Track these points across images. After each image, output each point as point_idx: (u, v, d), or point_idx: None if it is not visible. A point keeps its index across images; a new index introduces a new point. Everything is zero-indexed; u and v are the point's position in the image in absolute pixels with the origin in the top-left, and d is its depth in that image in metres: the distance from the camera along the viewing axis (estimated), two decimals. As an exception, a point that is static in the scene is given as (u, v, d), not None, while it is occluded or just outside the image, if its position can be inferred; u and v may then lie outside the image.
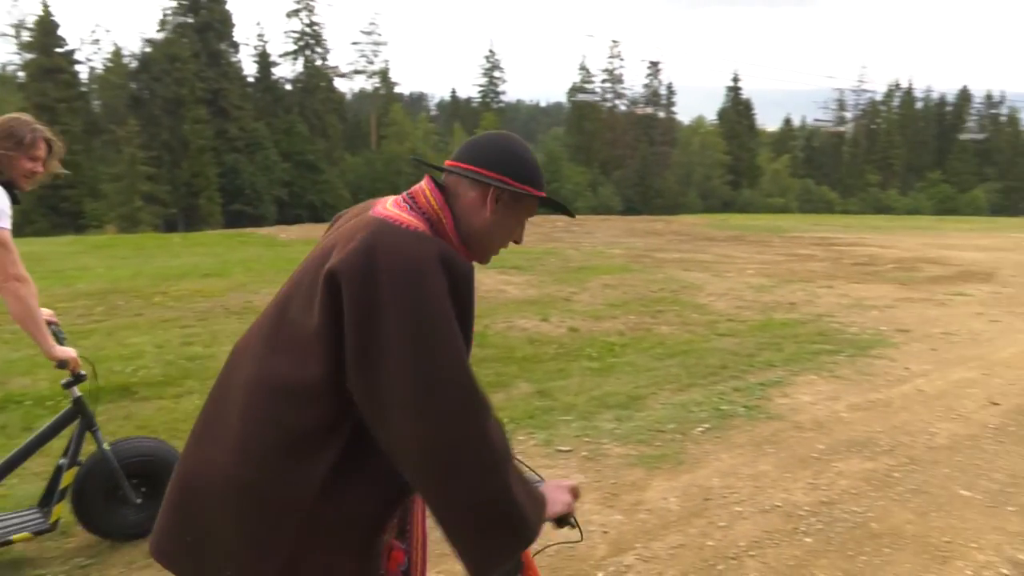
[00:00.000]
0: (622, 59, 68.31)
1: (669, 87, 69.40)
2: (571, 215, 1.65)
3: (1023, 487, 3.76)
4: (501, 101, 71.60)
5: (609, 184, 62.75)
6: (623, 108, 68.26)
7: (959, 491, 3.69)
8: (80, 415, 2.88)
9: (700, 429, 4.57)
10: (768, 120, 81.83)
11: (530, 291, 9.80)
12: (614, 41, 68.86)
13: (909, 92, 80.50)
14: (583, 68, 67.65)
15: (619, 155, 65.30)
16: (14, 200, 2.53)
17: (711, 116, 73.80)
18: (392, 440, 1.20)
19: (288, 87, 53.97)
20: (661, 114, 69.02)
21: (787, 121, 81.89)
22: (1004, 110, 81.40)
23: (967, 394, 5.46)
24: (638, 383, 5.61)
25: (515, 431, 4.46)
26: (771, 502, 3.55)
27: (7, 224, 2.46)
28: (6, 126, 2.53)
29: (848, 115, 79.28)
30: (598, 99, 67.40)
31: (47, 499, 2.91)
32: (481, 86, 69.78)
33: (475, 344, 5.17)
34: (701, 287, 10.70)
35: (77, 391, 2.85)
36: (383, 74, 61.13)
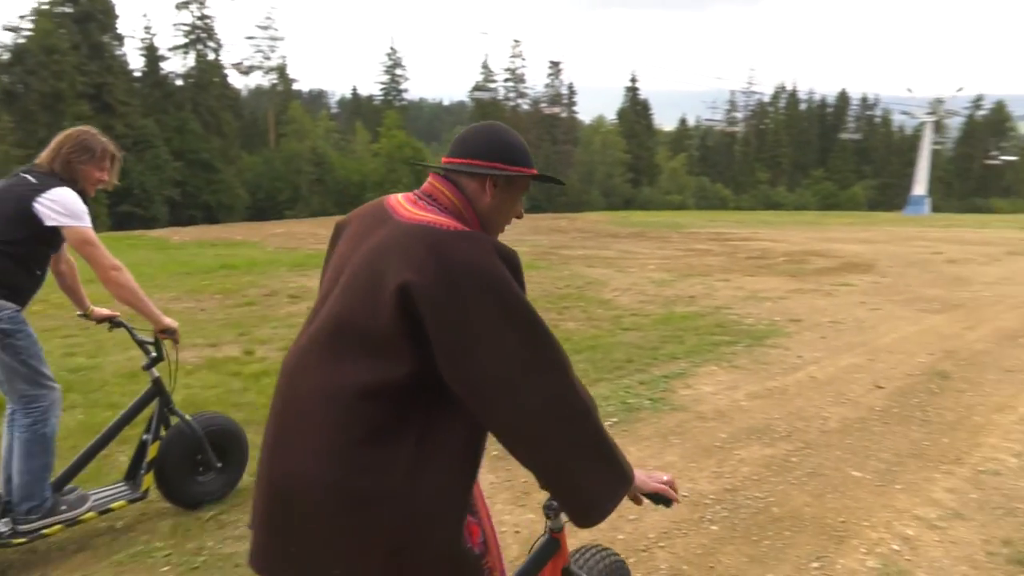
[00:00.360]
0: (524, 59, 68.96)
1: (570, 87, 70.47)
2: (561, 184, 1.82)
3: (908, 466, 3.98)
4: (404, 99, 70.79)
5: (514, 183, 63.16)
6: (526, 107, 68.82)
7: (851, 472, 3.87)
8: (159, 394, 3.15)
9: (608, 423, 4.62)
10: (665, 120, 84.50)
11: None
12: (515, 41, 69.38)
13: (794, 94, 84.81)
14: (485, 67, 67.77)
15: (525, 154, 65.83)
16: None
17: (611, 116, 75.51)
18: (503, 412, 1.31)
19: (179, 83, 51.49)
20: (563, 114, 70.01)
21: (683, 121, 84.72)
22: (878, 112, 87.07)
23: (854, 379, 5.76)
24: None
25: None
26: (679, 493, 3.61)
27: (90, 223, 2.75)
28: (80, 139, 2.80)
29: (739, 116, 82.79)
30: (500, 98, 67.69)
31: (133, 471, 3.20)
32: (383, 84, 68.82)
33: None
34: (605, 283, 10.89)
35: (156, 372, 3.13)
36: (281, 70, 59.30)
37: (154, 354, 3.11)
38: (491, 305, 1.29)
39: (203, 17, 52.21)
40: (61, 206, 2.67)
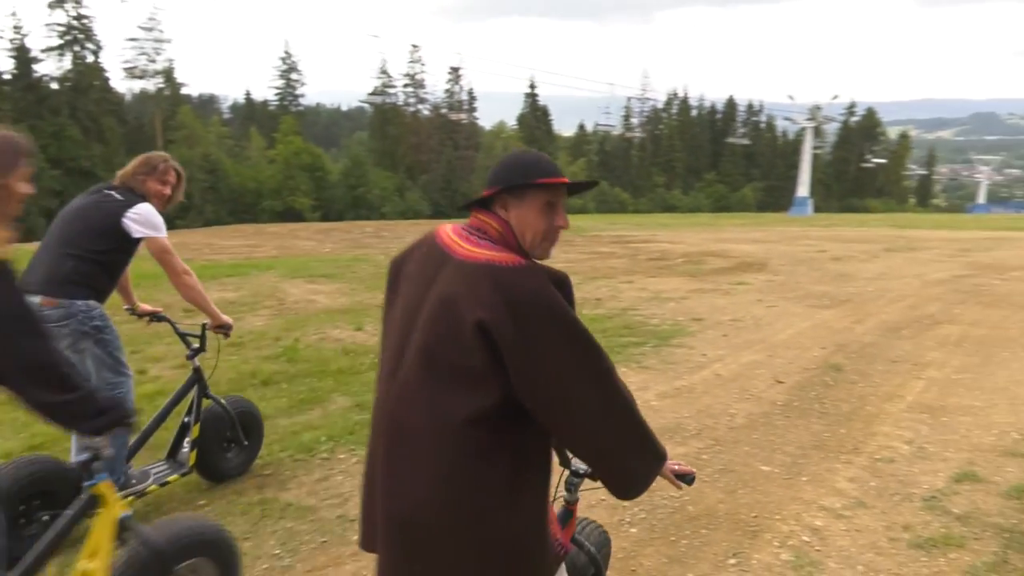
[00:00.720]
0: (423, 64, 68.43)
1: (470, 93, 70.65)
2: (594, 184, 1.86)
3: (811, 457, 4.13)
4: (300, 104, 69.01)
5: (416, 188, 62.68)
6: (426, 113, 68.49)
7: (760, 467, 3.98)
8: (199, 381, 3.57)
9: (523, 429, 4.59)
10: (564, 126, 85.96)
11: (341, 300, 9.46)
12: (414, 46, 68.83)
13: (685, 101, 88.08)
14: (384, 72, 66.97)
15: (424, 160, 65.41)
16: None
17: (511, 121, 76.19)
18: (568, 419, 1.51)
19: (55, 86, 48.29)
20: (464, 119, 70.08)
21: (581, 127, 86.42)
22: (763, 118, 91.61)
23: (756, 375, 5.97)
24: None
25: (335, 449, 4.22)
26: (596, 496, 3.60)
27: (166, 233, 3.18)
28: (145, 157, 3.28)
29: (635, 121, 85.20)
30: (400, 103, 67.07)
31: (175, 450, 3.63)
32: (278, 88, 66.88)
33: (286, 360, 4.82)
34: (513, 288, 10.90)
35: (197, 361, 3.56)
36: (167, 74, 56.61)
37: (196, 345, 3.58)
38: (552, 332, 1.45)
39: (80, 17, 49.20)
40: (145, 220, 3.10)
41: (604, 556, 2.29)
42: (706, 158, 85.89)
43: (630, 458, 1.62)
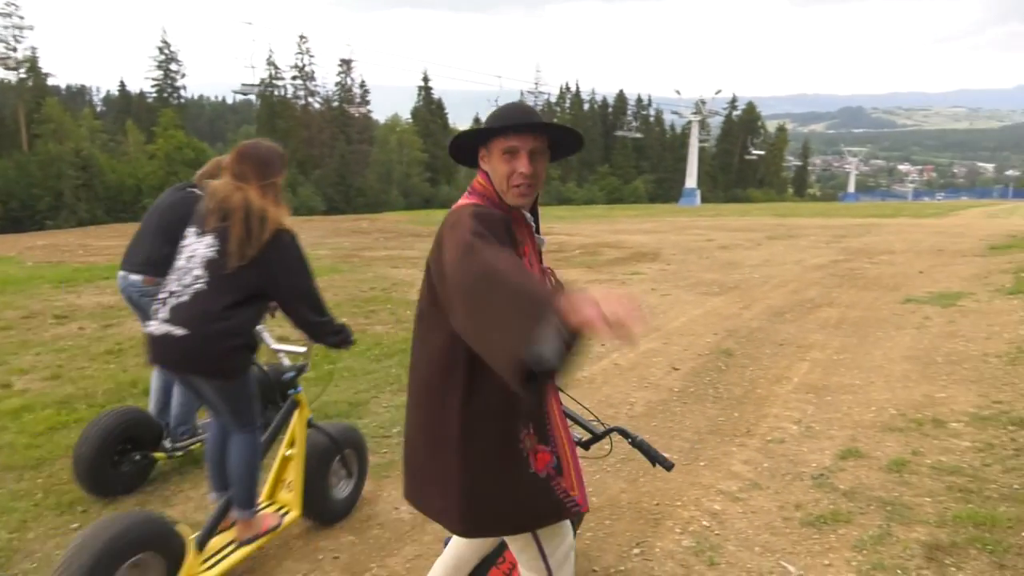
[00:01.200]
0: (312, 55, 66.49)
1: (362, 85, 69.26)
2: (575, 134, 1.83)
3: (708, 442, 4.24)
4: (181, 96, 65.67)
5: (309, 184, 61.00)
6: (317, 106, 66.66)
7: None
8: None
9: (425, 429, 4.50)
10: (459, 119, 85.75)
11: (231, 301, 9.03)
12: (302, 37, 66.52)
13: (577, 94, 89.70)
14: (271, 64, 64.65)
15: (317, 154, 63.73)
16: None
17: (406, 115, 75.29)
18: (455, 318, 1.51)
19: None
20: (366, 112, 68.63)
21: (477, 120, 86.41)
22: (652, 111, 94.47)
23: (653, 363, 6.10)
24: (358, 388, 5.39)
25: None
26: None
27: None
28: (216, 160, 3.48)
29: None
30: (290, 96, 64.99)
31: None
32: (155, 80, 63.37)
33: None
34: (412, 283, 10.75)
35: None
36: (31, 63, 52.53)
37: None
38: (447, 240, 1.58)
39: (-76, -1, 44.93)
40: None
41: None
42: (599, 151, 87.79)
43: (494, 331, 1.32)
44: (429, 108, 73.89)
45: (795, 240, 18.54)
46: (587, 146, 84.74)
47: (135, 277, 3.68)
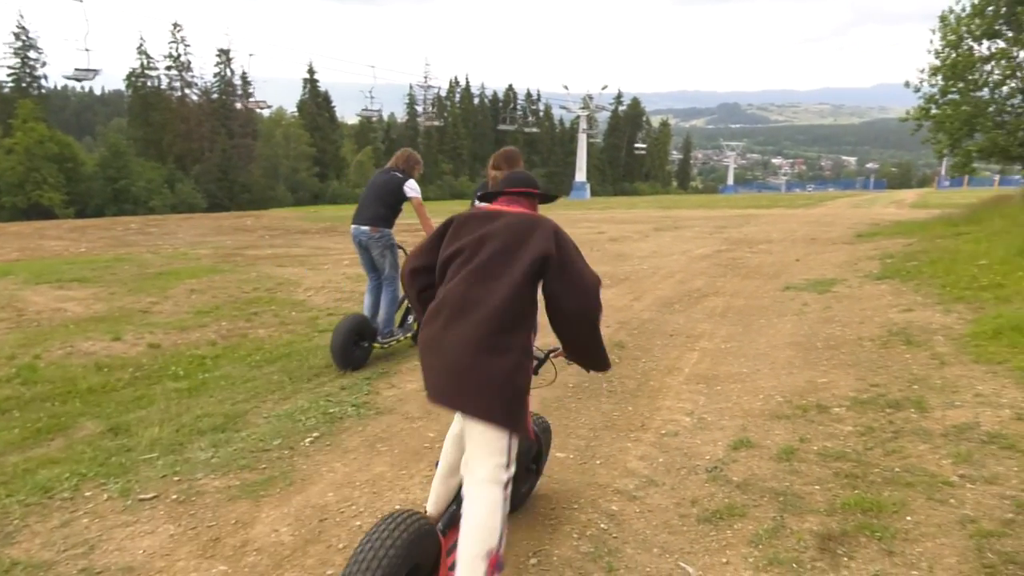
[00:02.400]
0: (187, 44, 62.96)
1: (244, 77, 66.43)
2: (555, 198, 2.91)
3: (603, 439, 4.18)
4: (42, 87, 60.78)
5: (188, 180, 58.01)
6: (195, 98, 63.40)
7: (556, 454, 3.94)
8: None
9: (309, 439, 4.21)
10: (347, 113, 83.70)
11: (97, 306, 8.33)
12: (176, 24, 62.84)
13: (467, 89, 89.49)
14: (143, 53, 60.94)
15: (196, 148, 60.63)
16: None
17: (291, 108, 72.85)
18: (570, 307, 2.43)
19: None
20: (257, 107, 65.71)
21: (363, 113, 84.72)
22: (541, 106, 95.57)
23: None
24: (236, 398, 5.02)
25: (80, 486, 3.59)
26: (390, 506, 3.37)
27: (420, 194, 6.17)
28: (407, 152, 6.38)
29: (419, 109, 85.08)
30: (164, 87, 61.47)
31: (404, 320, 6.64)
32: (12, 68, 58.35)
33: (20, 383, 4.01)
34: (298, 283, 10.29)
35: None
36: None
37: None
38: (569, 247, 2.45)
39: None
40: (412, 187, 6.09)
41: (546, 440, 3.40)
42: (490, 145, 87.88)
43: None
44: (316, 101, 71.80)
45: (680, 231, 19.10)
46: (478, 140, 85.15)
47: (364, 228, 6.04)
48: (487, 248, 2.41)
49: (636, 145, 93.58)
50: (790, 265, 11.39)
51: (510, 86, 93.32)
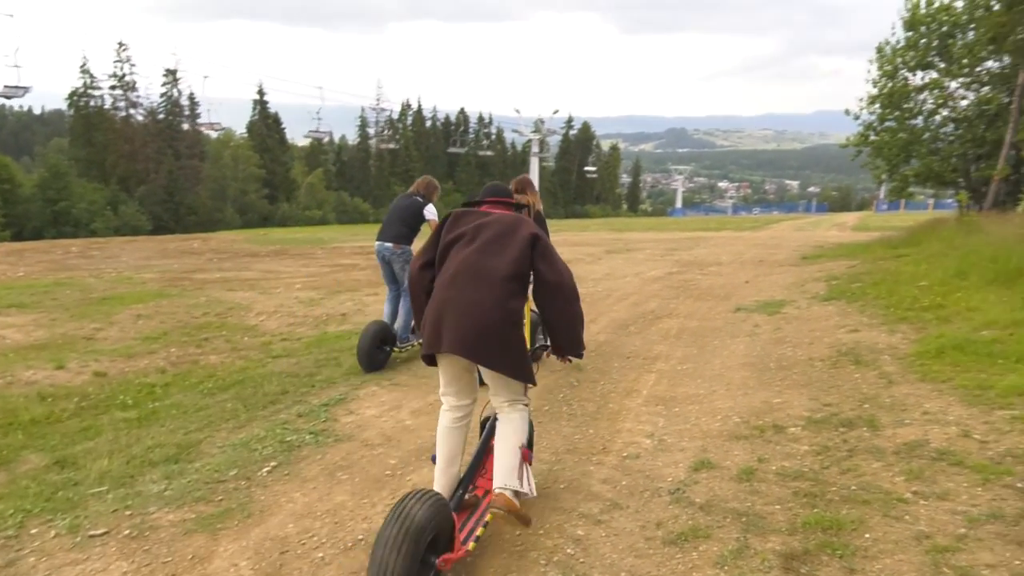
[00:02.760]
0: (133, 64, 61.64)
1: (191, 98, 65.33)
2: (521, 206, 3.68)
3: (566, 462, 4.18)
4: (-23, 105, 58.72)
5: (132, 202, 56.57)
6: (140, 119, 62.02)
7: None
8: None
9: (267, 469, 4.12)
10: (298, 134, 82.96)
11: (38, 333, 8.03)
12: (120, 44, 61.42)
13: (419, 111, 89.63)
14: (85, 71, 59.46)
15: (141, 169, 59.23)
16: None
17: (240, 129, 71.80)
18: (550, 279, 3.01)
19: None
20: (186, 126, 64.52)
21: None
22: (493, 130, 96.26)
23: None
24: (188, 428, 4.88)
25: (25, 522, 3.43)
26: (353, 536, 3.31)
27: (437, 217, 6.79)
28: (428, 179, 7.20)
29: (371, 131, 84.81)
30: (108, 107, 60.00)
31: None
32: (-56, 86, 56.29)
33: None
34: (249, 307, 10.09)
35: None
36: None
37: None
38: (550, 249, 3.07)
39: None
40: (431, 211, 6.87)
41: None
42: (443, 168, 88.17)
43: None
44: (266, 122, 70.90)
45: (632, 254, 19.36)
46: (431, 163, 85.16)
47: (388, 244, 6.77)
48: (485, 233, 3.05)
49: (587, 168, 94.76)
50: (740, 287, 11.64)
51: (462, 109, 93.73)
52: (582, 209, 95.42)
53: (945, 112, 18.98)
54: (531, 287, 3.09)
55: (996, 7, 16.82)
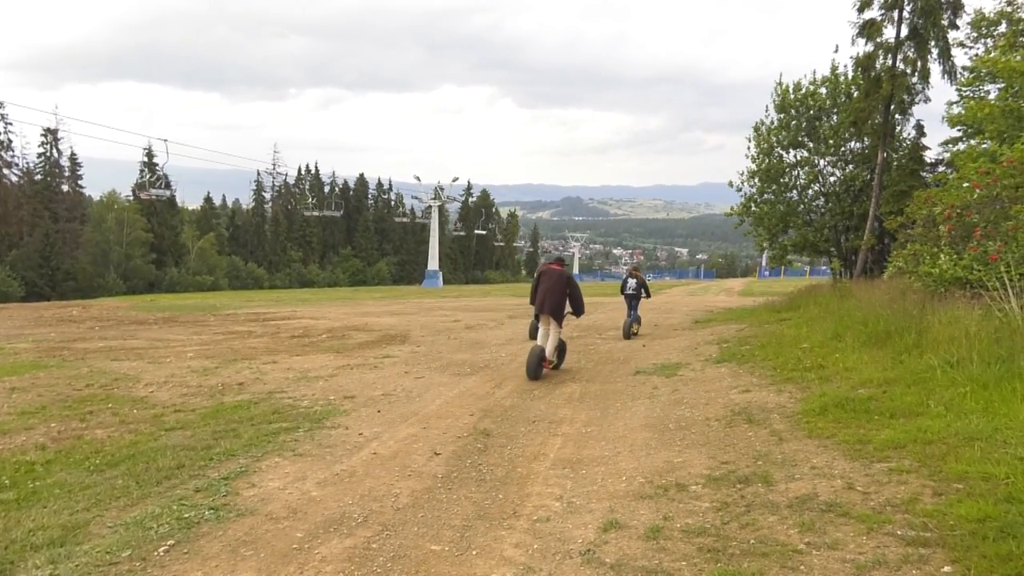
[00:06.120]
0: (9, 123, 58.57)
1: (72, 158, 62.46)
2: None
3: (477, 528, 4.17)
4: None
5: (3, 267, 52.91)
6: (15, 179, 58.65)
7: (431, 547, 3.89)
8: None
9: (164, 548, 3.90)
10: (189, 198, 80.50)
11: None
12: (-4, 101, 58.34)
13: (317, 176, 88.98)
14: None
15: (14, 232, 55.69)
16: None
17: (125, 191, 68.93)
18: (575, 295, 10.30)
19: None
20: (66, 187, 61.42)
21: (208, 199, 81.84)
22: (393, 196, 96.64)
23: (415, 449, 5.96)
24: (74, 508, 4.57)
25: None
26: None
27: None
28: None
29: (267, 196, 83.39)
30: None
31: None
32: None
33: None
34: (138, 377, 9.60)
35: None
36: None
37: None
38: (576, 287, 10.40)
39: None
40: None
41: (564, 348, 10.65)
42: (341, 233, 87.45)
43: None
44: (154, 185, 68.39)
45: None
46: (328, 228, 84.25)
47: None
48: (549, 280, 10.05)
49: (478, 231, 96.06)
50: (638, 351, 12.05)
51: (361, 175, 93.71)
52: (482, 275, 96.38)
53: (816, 187, 20.66)
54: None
55: (855, 94, 18.64)
